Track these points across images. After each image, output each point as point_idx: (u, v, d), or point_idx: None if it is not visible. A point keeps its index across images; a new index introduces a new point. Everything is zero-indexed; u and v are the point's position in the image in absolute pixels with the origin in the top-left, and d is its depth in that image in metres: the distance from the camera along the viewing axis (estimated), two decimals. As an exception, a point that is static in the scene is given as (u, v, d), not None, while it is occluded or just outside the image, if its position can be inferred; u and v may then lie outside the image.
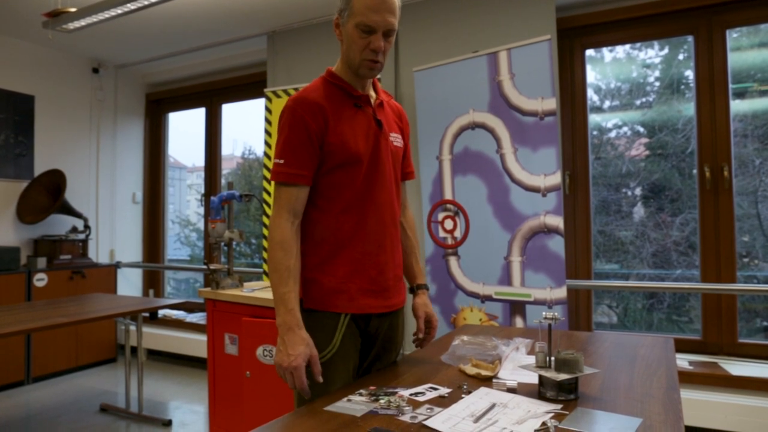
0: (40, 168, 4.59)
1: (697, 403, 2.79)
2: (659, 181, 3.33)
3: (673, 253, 3.31)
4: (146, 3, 3.12)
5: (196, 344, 4.54)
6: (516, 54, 2.85)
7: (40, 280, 4.27)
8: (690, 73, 3.21)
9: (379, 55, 1.46)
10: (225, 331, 2.87)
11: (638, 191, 3.44)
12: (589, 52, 3.46)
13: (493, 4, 3.37)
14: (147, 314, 4.93)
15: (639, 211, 3.46)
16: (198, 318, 4.89)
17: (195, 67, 5.05)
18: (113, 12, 3.22)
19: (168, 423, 3.32)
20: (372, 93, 1.60)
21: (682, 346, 3.12)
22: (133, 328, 3.58)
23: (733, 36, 3.10)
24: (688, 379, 2.86)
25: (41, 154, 4.63)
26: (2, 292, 4.02)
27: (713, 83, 3.08)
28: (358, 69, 1.50)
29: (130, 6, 3.15)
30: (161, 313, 5.11)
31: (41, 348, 4.25)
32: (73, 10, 3.23)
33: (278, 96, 3.72)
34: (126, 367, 3.62)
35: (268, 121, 3.75)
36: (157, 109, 5.54)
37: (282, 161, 1.46)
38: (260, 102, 4.71)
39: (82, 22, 3.33)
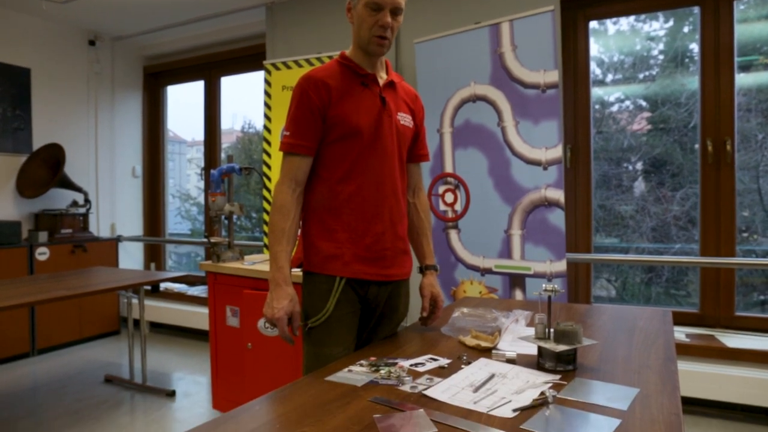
0: (38, 142, 4.57)
1: (693, 374, 2.83)
2: (660, 155, 3.32)
3: (672, 227, 3.32)
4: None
5: (198, 317, 4.58)
6: (518, 25, 2.81)
7: (42, 254, 4.29)
8: (695, 46, 3.17)
9: (387, 32, 1.55)
10: (226, 303, 2.89)
11: (639, 166, 3.43)
12: (593, 25, 3.41)
13: (496, -26, 3.30)
14: (149, 287, 4.97)
15: (639, 185, 3.45)
16: (199, 291, 4.93)
17: (193, 40, 4.98)
18: (109, -18, 3.16)
19: (172, 393, 3.38)
20: (382, 74, 1.68)
21: (679, 319, 3.15)
22: (135, 301, 3.61)
23: (740, 8, 3.05)
24: (685, 351, 2.90)
25: (39, 127, 4.60)
26: (5, 266, 4.04)
27: (718, 56, 3.04)
28: (368, 46, 1.58)
29: (126, -25, 3.09)
30: (163, 286, 5.15)
31: (45, 321, 4.29)
32: (68, -21, 3.17)
33: (277, 68, 3.68)
34: (129, 339, 3.66)
35: (267, 94, 3.71)
36: (155, 82, 5.48)
37: (288, 133, 1.58)
38: (259, 75, 4.66)
39: (78, -7, 3.27)
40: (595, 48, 3.44)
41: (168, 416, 3.08)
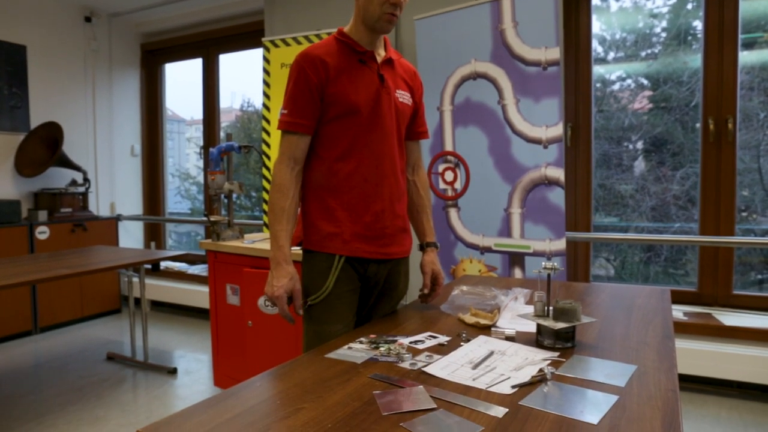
0: (36, 120, 4.53)
1: (691, 352, 2.85)
2: (661, 134, 3.30)
3: (672, 207, 3.31)
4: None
5: (199, 295, 4.60)
6: (520, 1, 2.77)
7: (42, 233, 4.30)
8: (698, 24, 3.13)
9: (398, 9, 1.55)
10: (226, 282, 2.90)
11: (640, 145, 3.41)
12: (595, 1, 3.36)
13: (498, -51, 3.24)
14: (149, 266, 4.98)
15: (640, 164, 3.44)
16: (200, 270, 4.94)
17: (190, 16, 4.91)
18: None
19: (173, 371, 3.41)
20: (381, 51, 1.66)
21: (677, 298, 3.17)
22: (135, 279, 3.62)
23: (744, -17, 3.00)
24: (682, 329, 2.92)
25: (36, 106, 4.57)
26: (5, 244, 4.05)
27: (722, 33, 3.01)
28: (377, 23, 1.57)
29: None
30: (163, 265, 5.16)
31: (47, 299, 4.31)
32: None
33: (276, 46, 3.64)
34: (130, 317, 3.69)
35: (266, 72, 3.68)
36: (152, 59, 5.43)
37: (286, 111, 1.57)
38: (258, 52, 4.62)
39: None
40: (597, 25, 3.40)
41: (170, 393, 3.11)
